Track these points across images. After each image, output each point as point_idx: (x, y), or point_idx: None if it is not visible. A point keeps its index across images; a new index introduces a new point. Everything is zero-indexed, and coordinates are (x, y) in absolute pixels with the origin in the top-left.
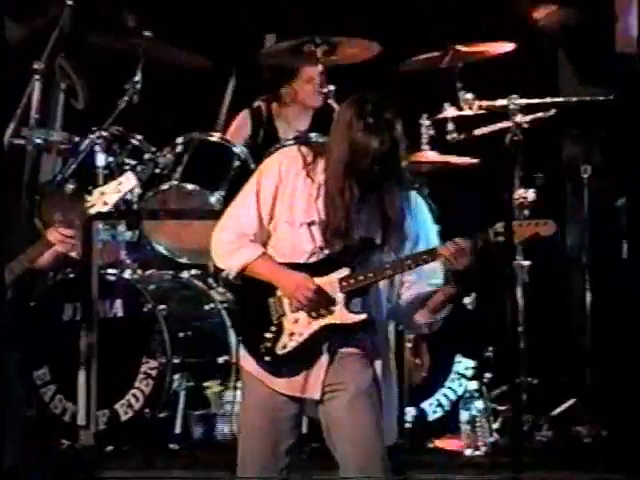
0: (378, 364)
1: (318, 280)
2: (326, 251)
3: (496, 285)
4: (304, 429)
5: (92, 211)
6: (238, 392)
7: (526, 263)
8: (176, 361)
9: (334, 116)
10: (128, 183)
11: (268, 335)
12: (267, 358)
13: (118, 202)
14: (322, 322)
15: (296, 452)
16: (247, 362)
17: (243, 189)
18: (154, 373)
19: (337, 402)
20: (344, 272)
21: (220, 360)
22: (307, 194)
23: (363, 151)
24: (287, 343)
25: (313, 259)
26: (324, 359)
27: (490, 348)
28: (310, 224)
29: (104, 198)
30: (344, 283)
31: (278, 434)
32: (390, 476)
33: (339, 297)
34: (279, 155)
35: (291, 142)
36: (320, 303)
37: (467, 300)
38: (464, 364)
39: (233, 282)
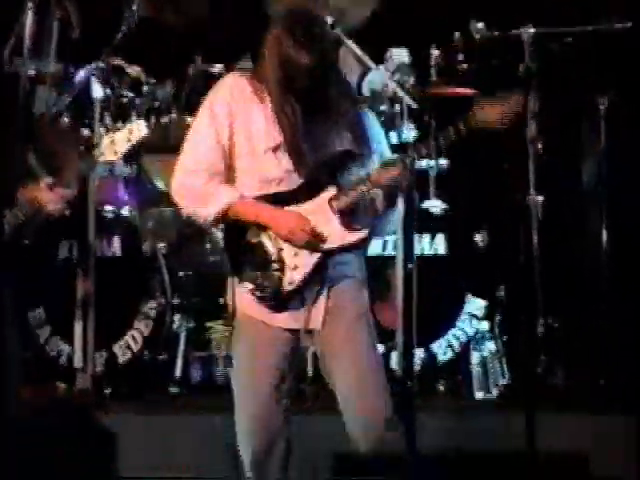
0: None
1: (306, 205)
2: (298, 174)
3: (509, 221)
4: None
5: (102, 159)
6: None
7: (540, 198)
8: (176, 301)
9: (266, 35)
10: (139, 132)
11: (271, 272)
12: (275, 296)
13: (126, 151)
14: (323, 247)
15: (295, 393)
16: (244, 304)
17: (195, 124)
18: (153, 313)
19: (334, 328)
20: (331, 191)
21: (221, 300)
22: (263, 118)
23: (295, 68)
24: (294, 278)
25: (284, 186)
26: (325, 286)
27: (502, 287)
28: (275, 149)
29: (114, 147)
30: (335, 202)
31: (277, 372)
32: (392, 404)
33: (332, 217)
34: (225, 82)
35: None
36: (317, 234)
37: (478, 237)
38: (475, 304)
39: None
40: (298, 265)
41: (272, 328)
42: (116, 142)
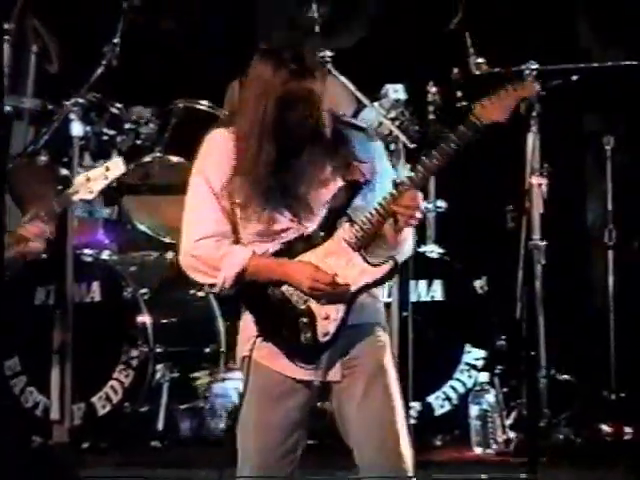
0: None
1: (322, 248)
2: (298, 217)
3: (510, 266)
4: None
5: (75, 198)
6: (227, 383)
7: (543, 243)
8: (159, 350)
9: (248, 73)
10: (117, 169)
11: (302, 326)
12: (309, 350)
13: (102, 190)
14: (351, 290)
15: (305, 447)
16: (260, 354)
17: (190, 192)
18: (135, 363)
19: (353, 382)
20: (344, 228)
21: (207, 349)
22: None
23: (294, 101)
24: (328, 328)
25: (291, 233)
26: (344, 336)
27: (503, 337)
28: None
29: (89, 184)
30: (352, 239)
31: (288, 425)
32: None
33: (354, 255)
34: (210, 140)
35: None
36: (340, 286)
37: (477, 283)
38: (474, 354)
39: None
40: (329, 313)
41: (286, 379)
42: (92, 179)
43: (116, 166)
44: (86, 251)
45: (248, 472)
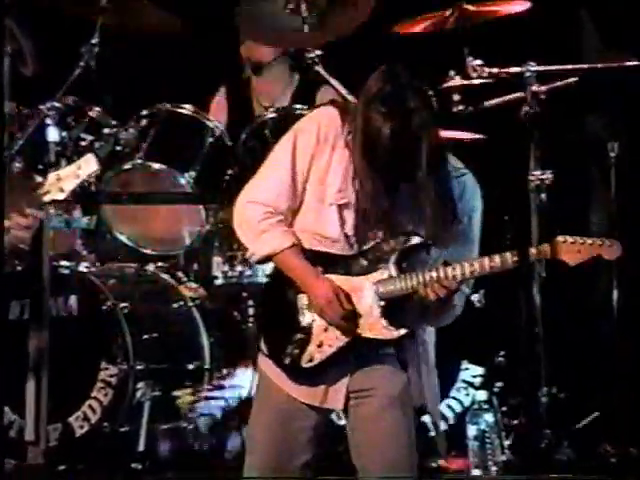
0: (412, 363)
1: (354, 280)
2: (356, 242)
3: (508, 280)
4: None
5: (46, 198)
6: (212, 402)
7: None
8: (140, 367)
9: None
10: (88, 167)
11: (294, 340)
12: (289, 366)
13: (76, 188)
14: (353, 335)
15: (313, 470)
16: (266, 363)
17: (274, 153)
18: (114, 381)
19: (364, 409)
20: (384, 273)
21: (191, 366)
22: (343, 168)
23: (375, 135)
24: (314, 355)
25: (336, 249)
26: (349, 368)
27: (501, 353)
28: (342, 206)
29: (61, 184)
30: (383, 288)
31: (294, 446)
32: None
33: (375, 304)
34: (317, 117)
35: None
36: (352, 317)
37: (475, 297)
38: (471, 371)
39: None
40: (324, 343)
41: (292, 399)
42: (63, 178)
43: (88, 163)
44: (63, 263)
45: None
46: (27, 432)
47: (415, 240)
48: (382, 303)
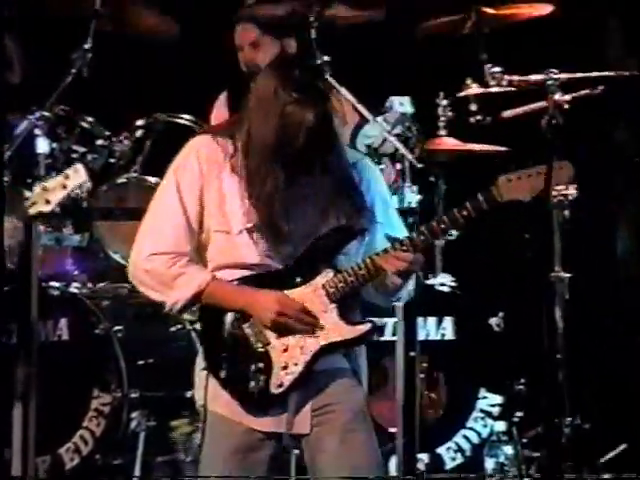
0: (364, 373)
1: (298, 291)
2: (280, 257)
3: (529, 302)
4: None
5: (32, 211)
6: None
7: (566, 275)
8: (134, 395)
9: (252, 89)
10: (77, 177)
11: (256, 370)
12: (259, 400)
13: (64, 200)
14: (318, 344)
15: None
16: (217, 403)
17: (158, 199)
18: (107, 410)
19: (327, 432)
20: (327, 275)
21: (189, 394)
22: (238, 193)
23: (295, 128)
24: (283, 380)
25: (262, 269)
26: (313, 384)
27: (522, 380)
28: (251, 230)
29: (47, 195)
30: (331, 289)
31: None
32: None
33: (330, 307)
34: (194, 148)
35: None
36: (309, 321)
37: (493, 320)
38: (490, 400)
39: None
40: (288, 363)
41: (250, 431)
42: (49, 189)
43: (76, 174)
44: (53, 283)
45: None
46: (14, 466)
47: (341, 229)
48: (335, 305)
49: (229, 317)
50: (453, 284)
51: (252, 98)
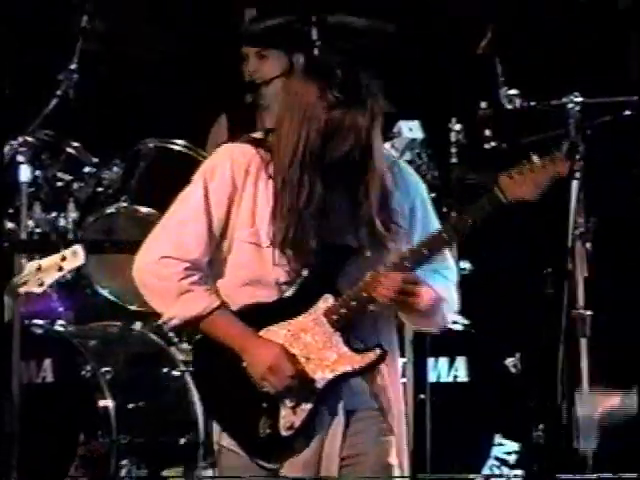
0: (395, 407)
1: (299, 319)
2: (291, 277)
3: (548, 341)
4: None
5: (22, 290)
6: None
7: (588, 313)
8: (124, 441)
9: (284, 96)
10: (74, 260)
11: (262, 414)
12: (270, 447)
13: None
14: (326, 378)
15: None
16: (226, 457)
17: (183, 196)
18: (95, 457)
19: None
20: (327, 300)
21: (182, 440)
22: (271, 204)
23: (342, 133)
24: (293, 420)
25: (274, 292)
26: (339, 422)
27: (540, 426)
28: (279, 244)
29: (40, 275)
30: (333, 316)
31: None
32: None
33: (334, 336)
34: (227, 153)
35: None
36: (296, 388)
37: (509, 361)
38: (506, 447)
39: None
40: (298, 401)
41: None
42: (43, 269)
43: (74, 256)
44: (36, 321)
45: None
46: None
47: (347, 251)
48: (340, 332)
49: (228, 353)
50: (466, 322)
51: (286, 106)
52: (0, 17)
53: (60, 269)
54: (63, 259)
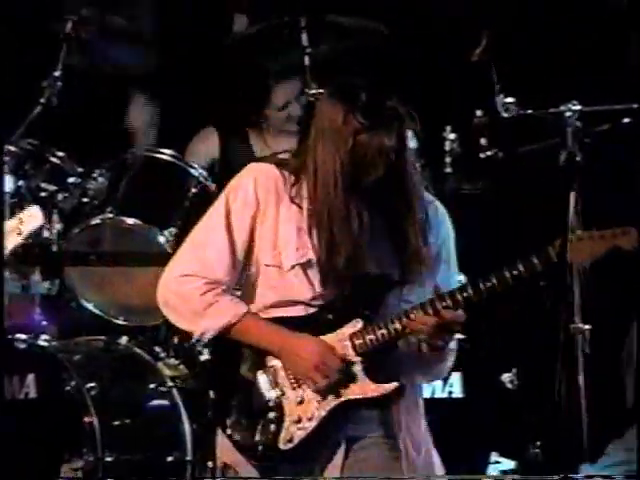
0: (407, 440)
1: (324, 337)
2: (321, 296)
3: (545, 356)
4: None
5: None
6: None
7: (587, 327)
8: (109, 459)
9: (315, 120)
10: (32, 221)
11: (264, 424)
12: (265, 455)
13: (18, 248)
14: (337, 400)
15: None
16: (233, 455)
17: (207, 218)
18: (79, 475)
19: None
20: (356, 325)
21: (170, 458)
22: (295, 226)
23: (371, 157)
24: (293, 434)
25: (303, 309)
26: (339, 452)
27: (537, 443)
28: (305, 265)
29: None
30: (359, 341)
31: None
32: None
33: (355, 360)
34: (252, 173)
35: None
36: (340, 379)
37: (506, 377)
38: (502, 465)
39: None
40: (302, 418)
41: None
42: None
43: (32, 217)
44: (19, 336)
45: None
46: None
47: (388, 282)
48: (361, 358)
49: (243, 362)
50: (461, 337)
51: (314, 129)
52: None
53: (19, 233)
54: (21, 222)
